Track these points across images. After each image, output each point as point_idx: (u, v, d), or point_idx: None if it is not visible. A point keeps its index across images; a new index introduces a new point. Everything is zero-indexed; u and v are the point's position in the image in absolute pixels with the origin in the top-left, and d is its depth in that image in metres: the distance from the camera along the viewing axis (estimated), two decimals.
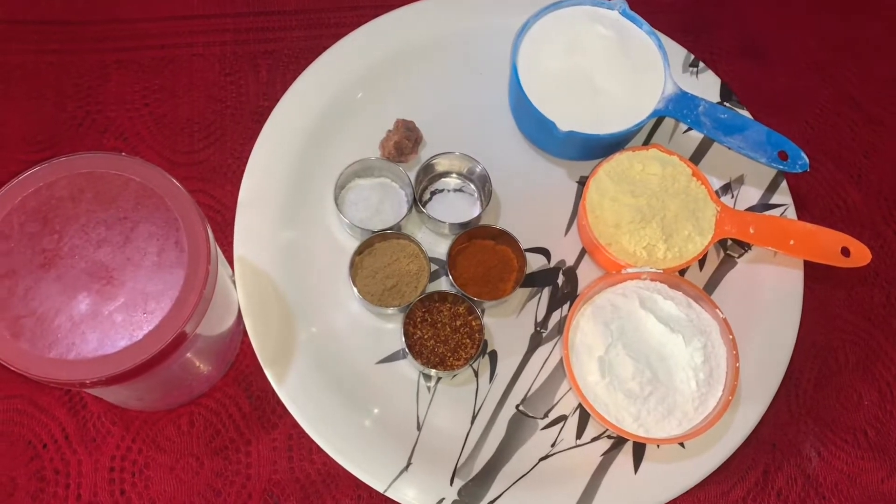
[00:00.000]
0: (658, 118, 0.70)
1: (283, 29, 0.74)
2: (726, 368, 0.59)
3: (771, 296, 0.66)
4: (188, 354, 0.52)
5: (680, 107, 0.65)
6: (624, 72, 0.66)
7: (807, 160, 0.65)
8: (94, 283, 0.46)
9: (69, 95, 0.69)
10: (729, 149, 0.66)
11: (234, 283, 0.62)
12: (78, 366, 0.45)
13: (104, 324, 0.45)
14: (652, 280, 0.62)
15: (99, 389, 0.54)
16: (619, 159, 0.64)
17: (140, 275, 0.47)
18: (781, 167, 0.65)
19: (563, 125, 0.63)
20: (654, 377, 0.58)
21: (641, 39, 0.67)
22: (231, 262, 0.63)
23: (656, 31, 0.67)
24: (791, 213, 0.69)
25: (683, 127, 0.71)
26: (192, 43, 0.72)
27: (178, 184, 0.49)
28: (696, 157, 0.70)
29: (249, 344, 0.60)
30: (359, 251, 0.62)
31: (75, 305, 0.46)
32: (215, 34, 0.73)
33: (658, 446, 0.60)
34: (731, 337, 0.59)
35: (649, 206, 0.62)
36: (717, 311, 0.60)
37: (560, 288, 0.65)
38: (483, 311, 0.63)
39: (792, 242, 0.64)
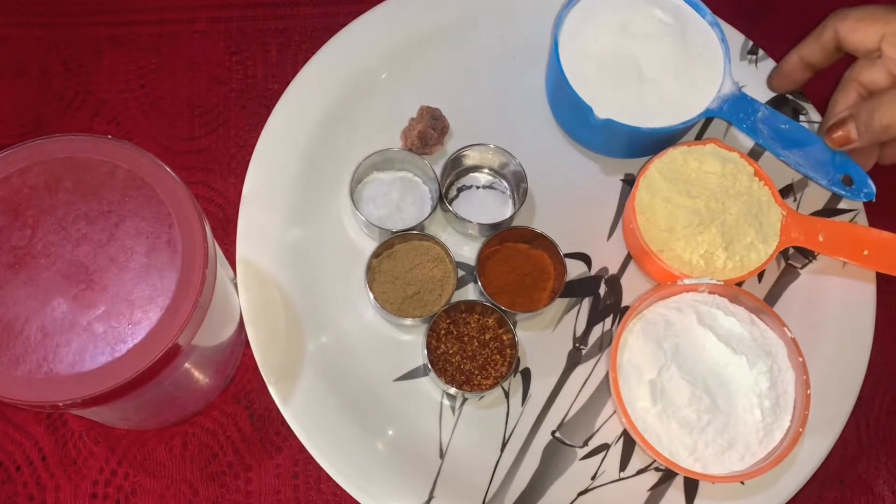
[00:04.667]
0: None
1: (296, 4, 0.70)
2: (794, 395, 0.54)
3: (839, 312, 0.61)
4: (181, 369, 0.48)
5: (736, 109, 0.61)
6: (678, 63, 0.61)
7: (873, 189, 0.61)
8: (71, 288, 0.43)
9: (57, 74, 0.66)
10: (785, 164, 0.62)
11: (235, 286, 0.58)
12: (49, 385, 0.41)
13: (82, 335, 0.42)
14: (710, 293, 0.56)
15: (77, 410, 0.49)
16: (673, 155, 0.59)
17: (126, 278, 0.43)
18: (844, 193, 0.61)
19: (601, 112, 0.59)
20: (713, 404, 0.53)
21: (702, 29, 0.63)
22: (233, 264, 0.59)
23: (720, 23, 0.63)
24: (862, 218, 0.64)
25: None
26: (194, 18, 0.69)
27: (172, 173, 0.46)
28: (755, 154, 0.66)
29: (251, 356, 0.57)
30: (376, 254, 0.59)
31: (48, 313, 0.42)
32: (220, 9, 0.69)
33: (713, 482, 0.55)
34: (800, 359, 0.54)
35: (708, 208, 0.57)
36: (785, 329, 0.55)
37: (602, 299, 0.61)
38: (515, 324, 0.59)
39: (866, 252, 0.59)
